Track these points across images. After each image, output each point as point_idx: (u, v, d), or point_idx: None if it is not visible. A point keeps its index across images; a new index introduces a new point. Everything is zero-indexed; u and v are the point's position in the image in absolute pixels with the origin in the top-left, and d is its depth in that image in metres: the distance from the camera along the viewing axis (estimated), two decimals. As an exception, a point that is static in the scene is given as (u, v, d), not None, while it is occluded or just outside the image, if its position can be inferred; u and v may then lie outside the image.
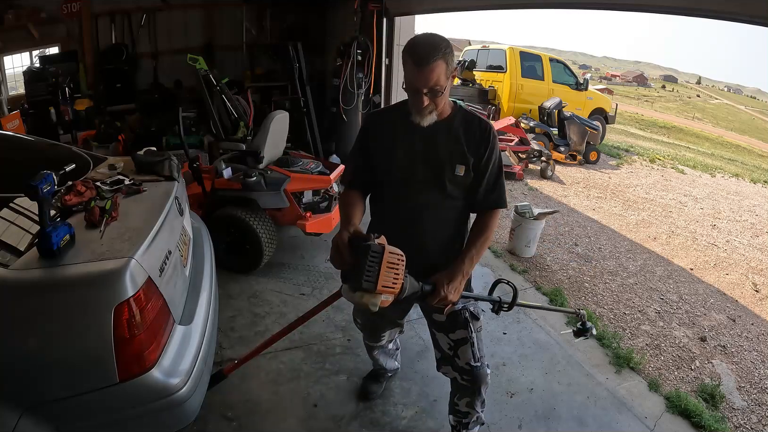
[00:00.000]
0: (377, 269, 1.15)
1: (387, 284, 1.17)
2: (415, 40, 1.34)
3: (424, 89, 1.30)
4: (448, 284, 1.32)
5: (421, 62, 1.27)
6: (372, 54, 4.62)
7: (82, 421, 1.28)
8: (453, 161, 1.42)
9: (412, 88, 1.33)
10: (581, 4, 2.94)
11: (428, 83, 1.29)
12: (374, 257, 1.15)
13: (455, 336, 1.51)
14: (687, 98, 49.79)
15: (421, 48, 1.28)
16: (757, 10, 1.89)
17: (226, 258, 2.92)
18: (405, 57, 1.32)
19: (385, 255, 1.16)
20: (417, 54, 1.28)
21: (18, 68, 5.11)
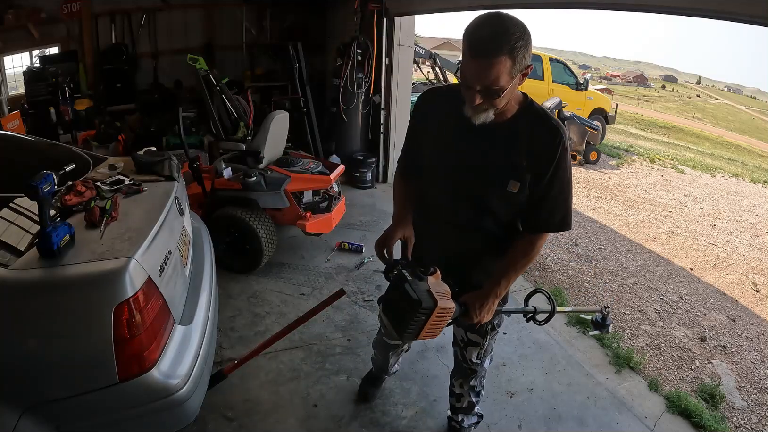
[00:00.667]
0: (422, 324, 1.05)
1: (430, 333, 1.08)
2: (481, 19, 1.04)
3: (477, 86, 1.06)
4: (480, 308, 1.24)
5: (479, 53, 1.01)
6: (372, 54, 4.62)
7: (82, 421, 1.28)
8: (506, 175, 1.18)
9: (465, 84, 1.09)
10: (581, 4, 2.94)
11: (483, 81, 1.04)
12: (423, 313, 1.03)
13: (472, 337, 1.55)
14: (687, 98, 49.77)
15: (484, 34, 1.01)
16: (757, 10, 1.89)
17: (226, 258, 2.92)
18: (464, 38, 1.05)
19: (434, 313, 1.04)
20: (476, 41, 1.02)
21: (18, 68, 5.10)
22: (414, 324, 1.04)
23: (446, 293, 1.09)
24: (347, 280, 3.01)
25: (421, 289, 1.06)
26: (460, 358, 1.63)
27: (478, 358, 1.58)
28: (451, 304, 1.08)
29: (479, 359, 1.59)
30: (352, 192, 4.56)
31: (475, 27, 1.04)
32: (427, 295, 1.04)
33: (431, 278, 1.10)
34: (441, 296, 1.06)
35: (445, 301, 1.06)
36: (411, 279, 1.08)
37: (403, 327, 1.06)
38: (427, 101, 1.34)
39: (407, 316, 1.05)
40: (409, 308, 1.04)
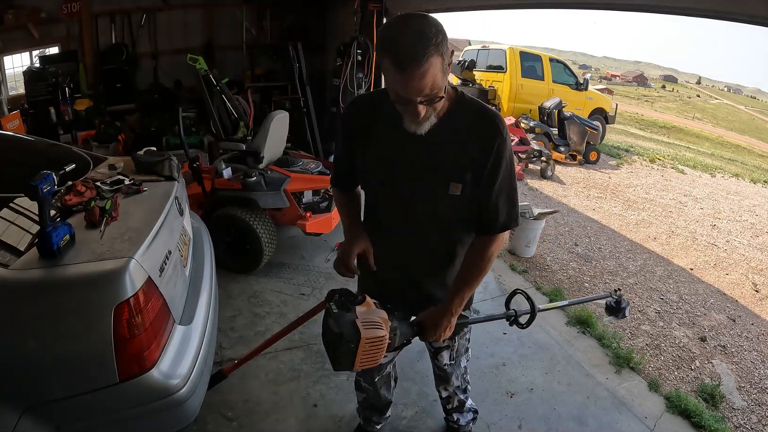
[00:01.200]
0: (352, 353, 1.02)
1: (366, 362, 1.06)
2: (393, 32, 0.97)
3: (417, 98, 0.99)
4: (435, 328, 1.20)
5: (409, 64, 0.93)
6: (372, 54, 4.62)
7: (82, 421, 1.28)
8: (447, 177, 1.12)
9: (401, 99, 1.01)
10: (581, 4, 2.94)
11: (423, 91, 0.97)
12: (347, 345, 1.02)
13: (437, 344, 1.51)
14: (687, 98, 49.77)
15: (406, 42, 0.93)
16: (757, 10, 1.89)
17: (226, 258, 2.92)
18: (384, 58, 0.96)
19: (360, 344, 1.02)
20: (401, 53, 0.93)
21: (18, 68, 5.10)
22: (344, 356, 1.03)
23: (377, 321, 1.06)
24: (347, 280, 3.00)
25: (345, 321, 1.04)
26: (432, 365, 1.62)
27: (451, 359, 1.54)
28: (381, 333, 1.04)
29: (452, 360, 1.54)
30: (352, 192, 4.55)
31: (390, 38, 0.97)
32: (351, 328, 1.02)
33: (360, 307, 1.07)
34: (368, 326, 1.04)
35: (372, 330, 1.03)
36: (336, 312, 1.07)
37: (335, 359, 1.06)
38: (358, 110, 1.25)
39: (336, 349, 1.04)
40: (334, 342, 1.04)
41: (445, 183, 1.13)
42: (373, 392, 1.66)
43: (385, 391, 1.68)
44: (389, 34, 0.99)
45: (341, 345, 1.02)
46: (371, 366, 1.09)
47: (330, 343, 1.07)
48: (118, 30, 5.30)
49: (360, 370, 1.09)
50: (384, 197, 1.25)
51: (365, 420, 1.79)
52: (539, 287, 3.16)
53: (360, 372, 1.63)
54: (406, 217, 1.22)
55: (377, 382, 1.62)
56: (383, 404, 1.73)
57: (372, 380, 1.62)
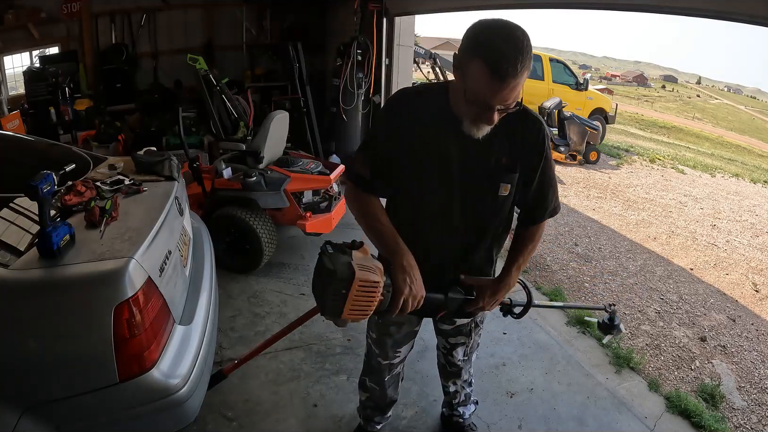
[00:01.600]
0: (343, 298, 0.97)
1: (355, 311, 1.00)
2: (495, 37, 0.95)
3: (499, 106, 1.00)
4: (490, 296, 1.25)
5: (506, 74, 0.93)
6: (372, 54, 4.62)
7: (82, 421, 1.28)
8: (497, 179, 1.16)
9: (482, 104, 1.00)
10: (581, 4, 2.94)
11: (508, 101, 0.98)
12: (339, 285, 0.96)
13: (454, 341, 1.54)
14: (687, 98, 49.77)
15: (507, 53, 0.92)
16: (757, 10, 1.89)
17: (226, 258, 2.92)
18: (476, 59, 0.95)
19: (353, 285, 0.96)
20: (500, 61, 0.93)
21: (18, 68, 5.11)
22: (334, 298, 0.97)
23: (373, 267, 1.01)
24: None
25: (340, 261, 0.99)
26: (444, 361, 1.64)
27: (465, 355, 1.59)
28: (375, 278, 0.99)
29: (466, 356, 1.60)
30: (352, 192, 4.55)
31: (492, 44, 0.95)
32: (345, 267, 0.97)
33: (357, 252, 1.03)
34: (363, 269, 0.99)
35: (368, 273, 0.98)
36: (331, 252, 1.02)
37: (323, 301, 1.01)
38: (402, 105, 1.20)
39: (326, 289, 0.99)
40: (326, 280, 0.98)
41: (495, 184, 1.17)
42: (379, 392, 1.64)
43: (392, 391, 1.67)
44: (489, 38, 0.96)
45: (332, 283, 0.96)
46: (359, 319, 1.03)
47: (321, 282, 1.01)
48: (118, 30, 5.31)
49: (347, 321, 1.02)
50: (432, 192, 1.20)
51: (366, 420, 1.79)
52: (539, 287, 3.16)
53: (367, 371, 1.63)
54: (452, 213, 1.20)
55: (386, 381, 1.60)
56: (387, 403, 1.72)
57: (381, 380, 1.60)
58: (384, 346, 1.50)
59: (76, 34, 5.10)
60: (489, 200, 1.19)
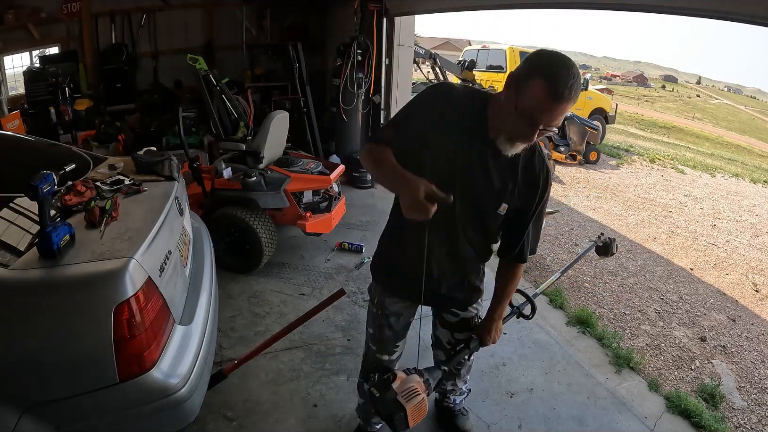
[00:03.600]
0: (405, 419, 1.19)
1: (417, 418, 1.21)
2: (555, 60, 1.03)
3: (542, 125, 1.04)
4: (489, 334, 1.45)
5: (560, 96, 1.00)
6: (372, 54, 4.62)
7: (82, 421, 1.28)
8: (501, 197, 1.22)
9: (531, 120, 1.04)
10: (581, 4, 2.94)
11: (554, 121, 1.04)
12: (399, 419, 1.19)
13: (460, 336, 1.55)
14: (687, 98, 49.75)
15: (565, 77, 0.99)
16: (757, 10, 1.89)
17: (226, 258, 2.92)
18: (535, 77, 1.01)
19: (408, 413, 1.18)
20: (559, 84, 0.99)
21: (18, 68, 5.10)
22: (399, 424, 1.19)
23: (414, 387, 1.21)
24: (347, 280, 3.01)
25: (388, 402, 1.20)
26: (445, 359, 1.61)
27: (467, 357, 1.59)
28: (420, 397, 1.21)
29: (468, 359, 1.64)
30: (352, 192, 4.56)
31: (553, 69, 1.01)
32: (395, 405, 1.19)
33: (395, 383, 1.22)
34: (408, 397, 1.20)
35: (413, 399, 1.20)
36: (378, 396, 1.22)
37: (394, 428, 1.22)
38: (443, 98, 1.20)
39: (391, 422, 1.21)
40: (389, 419, 1.21)
41: (499, 201, 1.23)
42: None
43: None
44: (551, 62, 1.03)
45: (394, 419, 1.19)
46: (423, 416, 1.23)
47: (384, 419, 1.25)
48: (118, 30, 5.30)
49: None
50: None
51: (364, 420, 1.79)
52: (539, 286, 3.16)
53: (363, 376, 1.68)
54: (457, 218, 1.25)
55: None
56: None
57: None
58: (383, 341, 1.54)
59: (76, 34, 5.10)
60: (488, 214, 1.26)
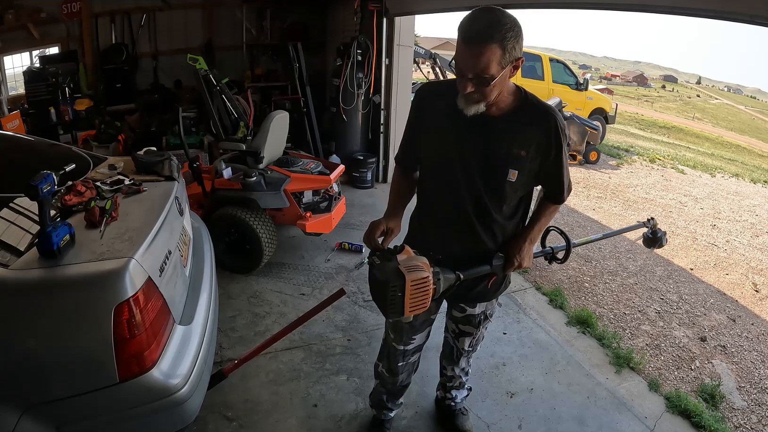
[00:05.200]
0: (401, 299, 1.10)
1: (415, 307, 1.12)
2: (475, 11, 1.10)
3: (469, 74, 1.10)
4: (519, 253, 1.36)
5: (470, 39, 1.07)
6: (372, 54, 4.62)
7: (82, 421, 1.28)
8: (506, 165, 1.24)
9: (458, 68, 1.13)
10: (581, 4, 2.94)
11: (473, 68, 1.08)
12: (394, 290, 1.09)
13: (464, 328, 1.62)
14: (687, 98, 49.77)
15: (477, 21, 1.07)
16: (757, 10, 1.89)
17: (226, 258, 2.92)
18: (458, 28, 1.11)
19: (407, 286, 1.09)
20: (469, 28, 1.07)
21: (18, 68, 5.11)
22: (393, 302, 1.09)
23: (419, 264, 1.13)
24: (347, 280, 3.01)
25: (388, 268, 1.11)
26: (452, 344, 1.71)
27: (470, 345, 1.67)
28: (424, 274, 1.11)
29: (471, 347, 1.68)
30: (352, 192, 4.56)
31: (468, 18, 1.09)
32: (394, 273, 1.09)
33: (401, 255, 1.14)
34: (411, 269, 1.10)
35: (415, 272, 1.10)
36: (379, 263, 1.14)
37: (385, 307, 1.12)
38: (424, 96, 1.37)
39: (384, 297, 1.10)
40: (382, 290, 1.10)
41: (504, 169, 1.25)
42: (389, 378, 1.68)
43: (405, 377, 1.70)
44: (471, 13, 1.10)
45: (388, 291, 1.09)
46: (421, 310, 1.15)
47: (378, 292, 1.13)
48: (118, 30, 5.30)
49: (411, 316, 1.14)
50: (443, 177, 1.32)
51: (378, 408, 1.83)
52: (539, 287, 3.16)
53: (381, 356, 1.69)
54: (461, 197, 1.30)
55: (399, 367, 1.64)
56: (399, 388, 1.74)
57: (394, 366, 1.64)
58: (400, 331, 1.56)
59: (76, 34, 5.10)
60: (496, 184, 1.27)
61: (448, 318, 1.67)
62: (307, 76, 4.87)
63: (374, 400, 1.83)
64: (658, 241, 1.68)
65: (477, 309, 1.55)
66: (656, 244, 1.70)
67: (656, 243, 1.69)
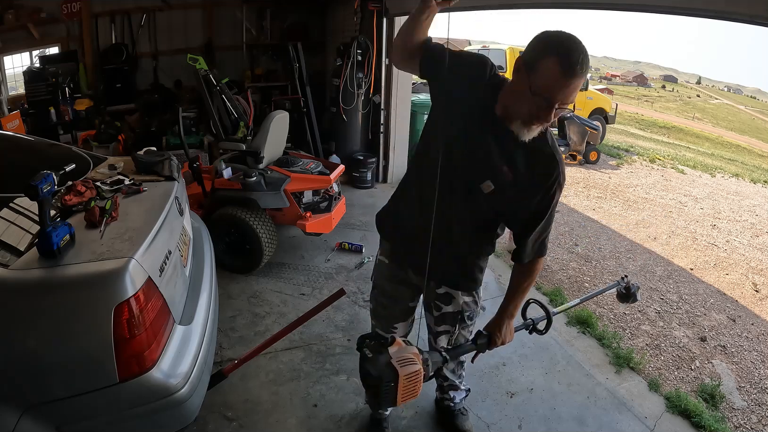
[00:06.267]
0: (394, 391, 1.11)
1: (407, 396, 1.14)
2: (563, 38, 1.03)
3: (559, 103, 1.05)
4: (500, 332, 1.40)
5: (573, 73, 1.01)
6: (372, 54, 4.62)
7: (82, 421, 1.28)
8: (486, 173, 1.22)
9: (545, 99, 1.05)
10: (581, 4, 2.94)
11: (568, 97, 1.05)
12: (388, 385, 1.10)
13: (438, 329, 1.59)
14: (687, 98, 49.79)
15: (575, 53, 1.00)
16: (757, 10, 1.88)
17: (226, 258, 2.92)
18: (546, 56, 1.03)
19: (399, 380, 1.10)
20: (570, 59, 1.00)
21: (18, 68, 5.11)
22: (386, 395, 1.11)
23: (411, 357, 1.14)
24: (347, 280, 3.01)
25: (381, 364, 1.11)
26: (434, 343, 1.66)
27: (448, 344, 1.61)
28: (416, 367, 1.12)
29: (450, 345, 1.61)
30: (352, 192, 4.56)
31: (564, 46, 1.02)
32: (388, 369, 1.10)
33: (392, 348, 1.14)
34: (403, 363, 1.11)
35: (408, 367, 1.11)
36: (371, 356, 1.14)
37: (378, 400, 1.14)
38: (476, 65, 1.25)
39: (377, 391, 1.12)
40: (376, 385, 1.12)
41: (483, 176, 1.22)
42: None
43: None
44: (558, 39, 1.04)
45: (382, 386, 1.10)
46: (413, 398, 1.16)
47: (371, 386, 1.15)
48: (118, 30, 5.31)
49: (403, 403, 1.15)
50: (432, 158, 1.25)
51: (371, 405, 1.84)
52: (539, 287, 3.16)
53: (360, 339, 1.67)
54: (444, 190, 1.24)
55: None
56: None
57: None
58: (380, 318, 1.59)
59: (76, 34, 5.10)
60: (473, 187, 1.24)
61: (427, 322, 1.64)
62: (307, 76, 4.87)
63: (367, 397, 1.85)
64: (632, 296, 1.79)
65: (451, 307, 1.52)
66: (630, 299, 1.79)
67: (630, 298, 1.79)
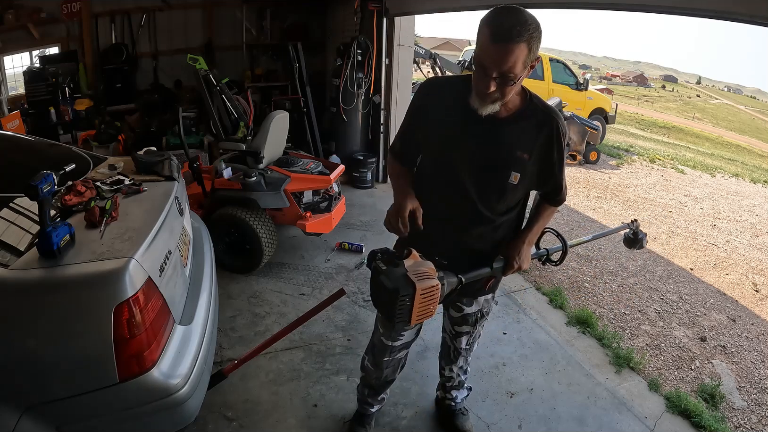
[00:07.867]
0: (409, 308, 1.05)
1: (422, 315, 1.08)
2: (500, 9, 1.09)
3: (494, 72, 1.09)
4: (518, 256, 1.36)
5: (500, 37, 1.05)
6: (372, 54, 4.62)
7: (82, 421, 1.28)
8: (509, 167, 1.25)
9: (481, 67, 1.11)
10: (581, 4, 2.94)
11: (501, 66, 1.07)
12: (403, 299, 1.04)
13: (460, 329, 1.63)
14: (687, 98, 49.78)
15: (505, 20, 1.05)
16: (757, 10, 1.89)
17: (226, 258, 2.92)
18: (482, 27, 1.09)
19: (416, 294, 1.04)
20: (498, 26, 1.06)
21: (18, 68, 5.11)
22: (401, 311, 1.04)
23: (427, 271, 1.08)
24: (347, 280, 3.01)
25: (396, 275, 1.05)
26: (449, 344, 1.72)
27: (467, 344, 1.69)
28: (434, 282, 1.06)
29: (468, 345, 1.69)
30: (352, 192, 4.56)
31: (496, 15, 1.08)
32: (404, 280, 1.04)
33: (408, 261, 1.09)
34: (420, 276, 1.05)
35: (425, 281, 1.05)
36: (386, 268, 1.08)
37: (392, 317, 1.07)
38: (431, 90, 1.35)
39: (392, 305, 1.04)
40: (390, 298, 1.04)
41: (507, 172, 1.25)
42: (374, 373, 1.67)
43: (390, 372, 1.67)
44: (495, 11, 1.09)
45: (398, 300, 1.03)
46: (427, 318, 1.11)
47: (385, 300, 1.07)
48: (118, 30, 5.30)
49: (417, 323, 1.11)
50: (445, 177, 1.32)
51: (360, 402, 1.82)
52: (539, 287, 3.16)
53: (369, 350, 1.68)
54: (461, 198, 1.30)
55: (385, 362, 1.62)
56: (381, 384, 1.72)
57: (380, 360, 1.62)
58: (389, 326, 1.54)
59: (76, 34, 5.10)
60: (496, 186, 1.28)
61: (445, 318, 1.68)
62: (307, 76, 4.87)
63: (359, 393, 1.83)
64: (638, 242, 1.76)
65: (473, 308, 1.55)
66: (636, 245, 1.79)
67: (636, 244, 1.79)
